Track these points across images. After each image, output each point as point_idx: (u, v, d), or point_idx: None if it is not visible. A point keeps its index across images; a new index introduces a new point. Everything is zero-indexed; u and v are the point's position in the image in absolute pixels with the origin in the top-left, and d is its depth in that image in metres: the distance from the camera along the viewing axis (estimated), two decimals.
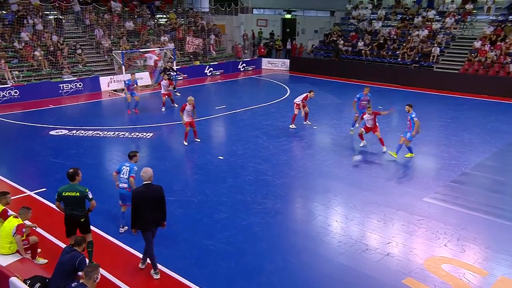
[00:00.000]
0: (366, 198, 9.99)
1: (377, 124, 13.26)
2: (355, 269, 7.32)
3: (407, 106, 12.33)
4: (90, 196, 6.96)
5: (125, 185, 8.24)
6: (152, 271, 7.09)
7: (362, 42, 27.45)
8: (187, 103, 13.04)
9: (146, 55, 23.16)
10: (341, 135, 14.90)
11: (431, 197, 10.08)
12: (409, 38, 26.17)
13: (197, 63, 27.30)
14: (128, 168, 8.24)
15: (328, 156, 12.84)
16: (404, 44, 25.99)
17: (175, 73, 21.46)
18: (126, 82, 17.37)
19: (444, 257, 7.73)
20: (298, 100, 15.50)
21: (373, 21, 29.19)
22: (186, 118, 13.16)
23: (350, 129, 15.30)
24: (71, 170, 7.04)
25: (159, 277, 7.04)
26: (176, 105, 18.33)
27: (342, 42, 28.22)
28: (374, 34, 28.06)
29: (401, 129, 14.00)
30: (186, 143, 13.44)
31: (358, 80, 25.35)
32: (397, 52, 25.98)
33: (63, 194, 6.91)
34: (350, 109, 19.24)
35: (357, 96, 15.16)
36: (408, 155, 12.63)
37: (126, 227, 8.41)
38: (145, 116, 17.14)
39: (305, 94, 15.46)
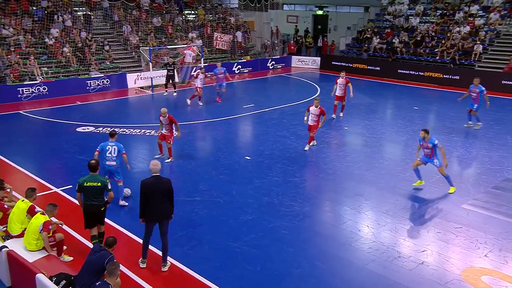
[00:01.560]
0: (399, 203, 9.81)
1: (319, 122, 12.94)
2: (386, 278, 7.19)
3: (422, 132, 10.27)
4: (110, 186, 7.46)
5: (113, 163, 9.19)
6: (140, 259, 7.37)
7: (398, 39, 26.95)
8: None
9: (185, 51, 23.65)
10: (373, 136, 14.67)
11: (470, 204, 9.79)
12: (449, 35, 25.50)
13: (248, 58, 28.23)
14: (115, 147, 9.17)
15: (359, 158, 12.67)
16: (443, 42, 25.34)
17: (175, 69, 21.27)
18: (214, 70, 18.40)
19: (484, 268, 7.49)
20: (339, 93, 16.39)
21: (410, 17, 28.60)
22: (163, 130, 12.02)
23: (469, 123, 15.65)
24: (93, 161, 7.50)
25: (144, 266, 7.30)
26: (201, 103, 18.76)
27: (377, 40, 27.80)
28: (411, 31, 27.50)
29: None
30: (158, 156, 12.26)
31: (392, 79, 24.93)
32: (436, 50, 25.37)
33: (85, 185, 7.29)
34: (382, 109, 19.01)
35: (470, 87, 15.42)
36: (418, 183, 10.67)
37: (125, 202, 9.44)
38: (172, 114, 17.40)
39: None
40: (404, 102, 20.09)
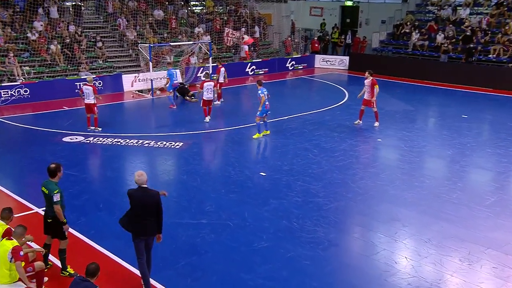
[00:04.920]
0: (444, 231, 9.70)
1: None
2: None
3: (257, 83, 15.77)
4: (55, 199, 7.57)
5: None
6: None
7: (442, 35, 26.88)
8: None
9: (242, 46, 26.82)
10: (412, 150, 14.58)
11: None
12: (506, 28, 25.33)
13: (295, 54, 29.97)
14: None
15: (395, 176, 12.60)
16: (499, 37, 25.18)
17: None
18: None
19: None
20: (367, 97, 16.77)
21: (458, 8, 28.54)
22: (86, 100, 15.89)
23: None
24: (52, 166, 7.77)
25: None
26: (219, 102, 19.95)
27: (417, 35, 27.75)
28: (459, 25, 27.41)
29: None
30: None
31: (435, 82, 24.84)
32: (490, 47, 25.23)
33: (41, 188, 7.80)
34: (423, 118, 18.90)
35: None
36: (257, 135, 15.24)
37: None
38: (174, 122, 17.57)
39: None
40: (451, 109, 19.97)
